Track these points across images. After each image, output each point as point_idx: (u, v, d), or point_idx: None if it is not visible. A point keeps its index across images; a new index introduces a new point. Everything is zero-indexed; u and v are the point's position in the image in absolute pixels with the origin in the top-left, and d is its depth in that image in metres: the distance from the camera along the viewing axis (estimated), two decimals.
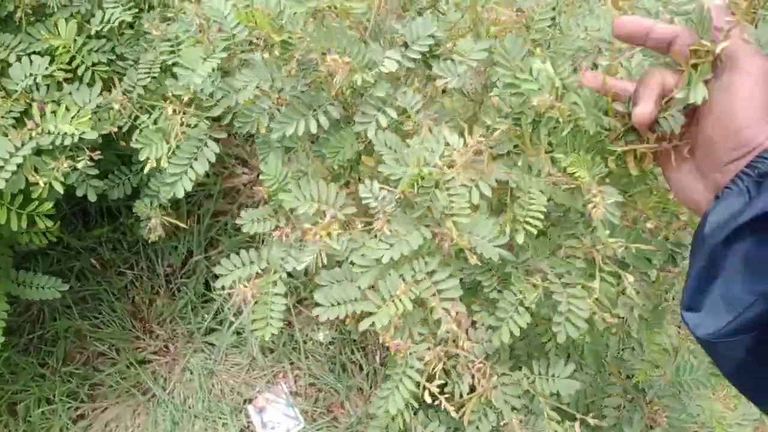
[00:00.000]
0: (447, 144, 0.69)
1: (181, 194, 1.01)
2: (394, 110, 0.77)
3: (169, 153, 1.00)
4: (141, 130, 1.07)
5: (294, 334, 1.96)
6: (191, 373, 1.93)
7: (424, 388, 0.79)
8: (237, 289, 0.81)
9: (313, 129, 0.77)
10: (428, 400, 0.77)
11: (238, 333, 1.98)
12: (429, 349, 0.80)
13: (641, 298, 0.82)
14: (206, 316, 1.99)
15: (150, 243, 2.04)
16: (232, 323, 1.95)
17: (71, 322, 1.95)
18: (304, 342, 1.96)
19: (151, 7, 1.44)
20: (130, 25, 1.47)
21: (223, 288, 0.85)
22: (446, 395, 0.80)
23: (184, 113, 1.00)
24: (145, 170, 1.05)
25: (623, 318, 0.85)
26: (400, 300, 0.74)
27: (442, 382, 0.80)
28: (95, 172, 1.25)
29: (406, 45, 0.76)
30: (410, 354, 0.79)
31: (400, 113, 0.78)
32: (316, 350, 1.96)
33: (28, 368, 1.88)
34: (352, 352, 1.95)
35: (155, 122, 1.14)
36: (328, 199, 0.79)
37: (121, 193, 1.57)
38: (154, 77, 1.32)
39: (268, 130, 0.84)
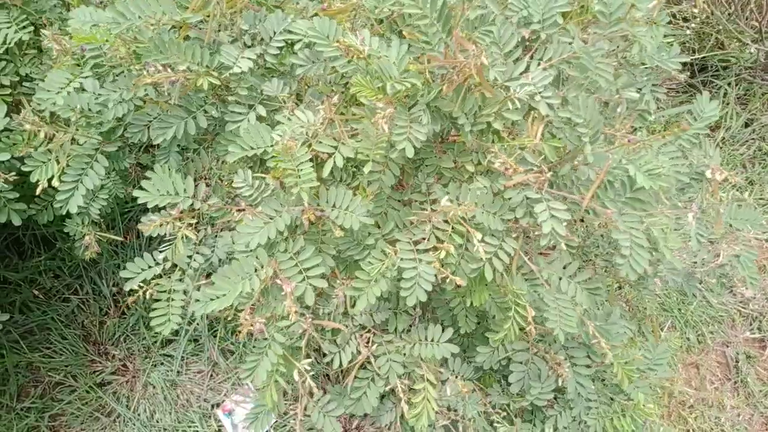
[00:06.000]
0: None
1: (74, 210, 1.11)
2: (263, 107, 0.80)
3: (59, 172, 1.03)
4: (30, 154, 1.10)
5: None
6: (154, 387, 1.92)
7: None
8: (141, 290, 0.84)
9: (192, 130, 0.80)
10: (296, 377, 0.82)
11: (195, 341, 1.97)
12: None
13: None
14: None
15: (92, 265, 2.00)
16: (187, 331, 1.94)
17: (20, 356, 1.90)
18: None
19: (50, 24, 1.41)
20: (35, 46, 1.44)
21: (132, 292, 0.87)
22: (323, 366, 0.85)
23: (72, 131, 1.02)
24: (37, 192, 1.07)
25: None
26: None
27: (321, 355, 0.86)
28: (15, 195, 1.22)
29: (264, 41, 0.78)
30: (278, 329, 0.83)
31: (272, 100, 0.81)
32: None
33: None
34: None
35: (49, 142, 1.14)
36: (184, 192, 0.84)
37: (50, 216, 1.53)
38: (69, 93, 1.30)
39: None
